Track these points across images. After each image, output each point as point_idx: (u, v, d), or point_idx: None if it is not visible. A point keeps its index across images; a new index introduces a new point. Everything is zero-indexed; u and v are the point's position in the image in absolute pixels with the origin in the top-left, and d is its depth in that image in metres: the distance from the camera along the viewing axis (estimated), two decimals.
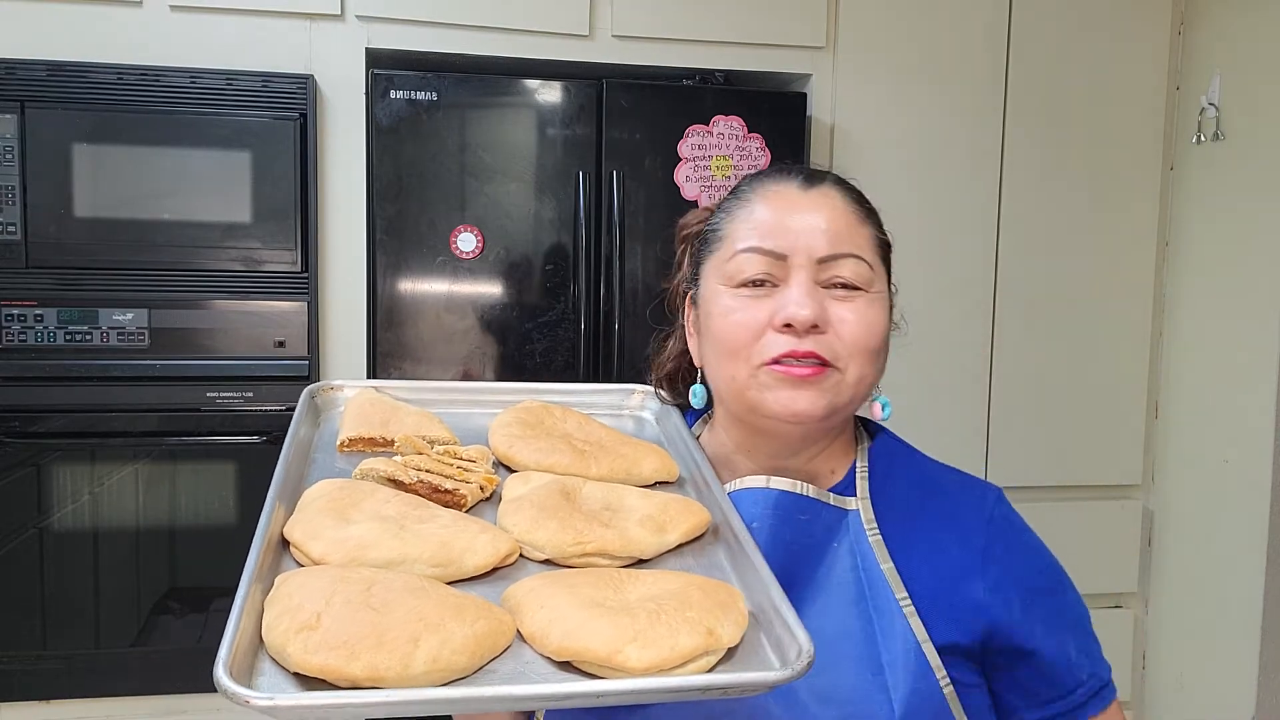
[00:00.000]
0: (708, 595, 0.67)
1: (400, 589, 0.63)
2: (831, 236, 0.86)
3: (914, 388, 2.49)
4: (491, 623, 0.63)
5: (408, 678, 0.58)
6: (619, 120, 2.28)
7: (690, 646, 0.62)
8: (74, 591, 2.13)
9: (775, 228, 0.86)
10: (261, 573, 0.66)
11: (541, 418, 0.91)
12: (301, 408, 0.91)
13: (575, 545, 0.73)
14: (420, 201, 2.22)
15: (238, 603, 0.61)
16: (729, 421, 0.92)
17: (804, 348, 0.83)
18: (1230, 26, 2.44)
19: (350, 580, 0.63)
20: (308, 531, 0.70)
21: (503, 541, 0.72)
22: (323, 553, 0.68)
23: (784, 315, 0.83)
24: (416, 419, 0.90)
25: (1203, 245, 2.52)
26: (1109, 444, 2.62)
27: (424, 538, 0.70)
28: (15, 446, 2.09)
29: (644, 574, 0.71)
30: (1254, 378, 2.33)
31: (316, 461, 0.86)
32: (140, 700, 2.16)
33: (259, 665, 0.60)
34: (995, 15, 2.49)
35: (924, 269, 2.49)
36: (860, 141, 2.45)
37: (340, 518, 0.71)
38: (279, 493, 0.75)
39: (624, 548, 0.74)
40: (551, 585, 0.67)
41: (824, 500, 0.87)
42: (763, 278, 0.86)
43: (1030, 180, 2.53)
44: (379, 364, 2.24)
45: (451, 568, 0.69)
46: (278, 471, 0.78)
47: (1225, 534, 2.40)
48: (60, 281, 2.08)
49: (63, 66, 2.06)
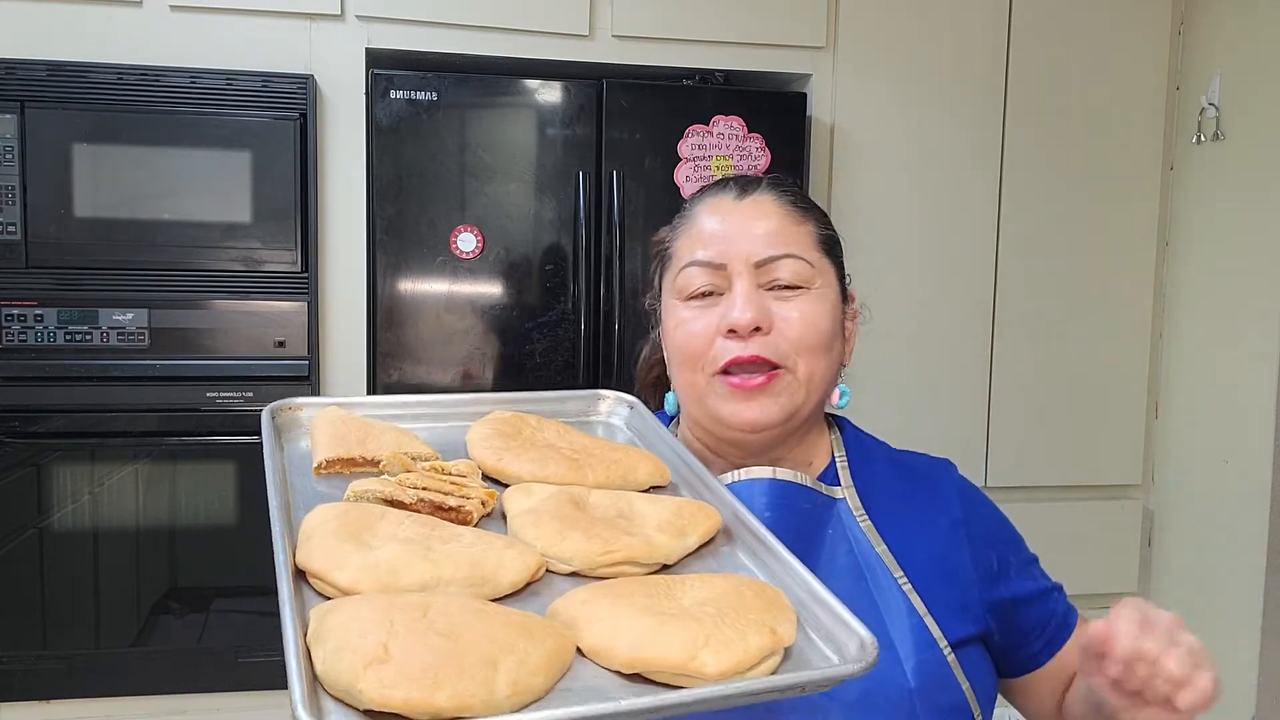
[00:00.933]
0: (759, 595, 0.67)
1: (460, 611, 0.60)
2: (767, 239, 0.90)
3: (914, 388, 2.49)
4: (559, 640, 0.62)
5: (492, 704, 0.55)
6: (619, 120, 2.28)
7: (760, 647, 0.61)
8: (74, 591, 2.13)
9: (713, 239, 0.91)
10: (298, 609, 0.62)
11: (519, 428, 0.90)
12: (265, 431, 0.87)
13: (604, 555, 0.72)
14: (420, 201, 2.22)
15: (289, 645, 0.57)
16: (698, 428, 0.96)
17: (749, 351, 0.87)
18: (1230, 26, 2.44)
19: (404, 607, 0.59)
20: (329, 560, 0.66)
21: (531, 556, 0.71)
22: (352, 581, 0.65)
23: (725, 321, 0.88)
24: (394, 435, 0.87)
25: (1203, 245, 2.52)
26: (1109, 444, 2.62)
27: (454, 558, 0.68)
28: (15, 446, 2.09)
29: (690, 579, 0.70)
30: (1254, 378, 2.33)
31: (295, 487, 0.81)
32: (140, 700, 2.16)
33: (322, 705, 0.56)
34: (995, 15, 2.49)
35: (924, 269, 2.49)
36: (860, 141, 2.45)
37: (358, 543, 0.68)
38: (283, 519, 0.71)
39: (650, 554, 0.73)
40: (604, 597, 0.66)
41: (819, 490, 0.91)
42: (708, 289, 0.91)
43: (1030, 180, 2.53)
44: (379, 364, 2.24)
45: (486, 587, 0.67)
46: (273, 498, 0.74)
47: (1225, 534, 2.40)
48: (60, 281, 2.08)
49: (63, 66, 2.06)
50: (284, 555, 0.66)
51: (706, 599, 0.66)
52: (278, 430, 0.89)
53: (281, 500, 0.74)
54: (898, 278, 2.46)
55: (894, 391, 2.46)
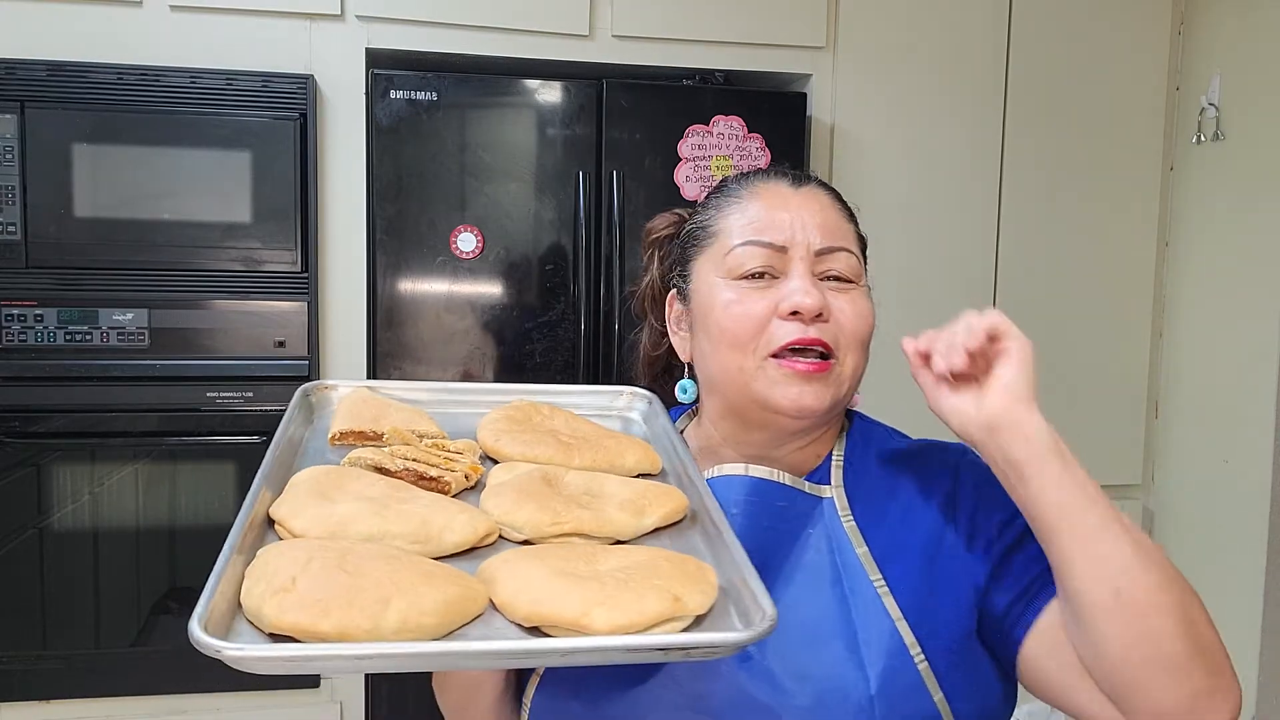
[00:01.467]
0: (676, 567, 0.69)
1: (375, 556, 0.65)
2: (826, 230, 0.90)
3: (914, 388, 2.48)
4: (463, 589, 0.64)
5: (377, 636, 0.60)
6: (619, 120, 2.28)
7: (656, 611, 0.63)
8: (74, 591, 2.13)
9: (771, 222, 0.90)
10: (243, 545, 0.68)
11: (529, 415, 0.93)
12: (294, 404, 0.93)
13: (553, 525, 0.74)
14: (420, 201, 2.22)
15: (217, 568, 0.64)
16: (721, 414, 0.94)
17: (811, 334, 0.86)
18: (1230, 26, 2.44)
19: (327, 549, 0.65)
20: (291, 510, 0.72)
21: (481, 521, 0.74)
22: (304, 528, 0.70)
23: (790, 303, 0.86)
24: (407, 415, 0.92)
25: (1203, 245, 2.52)
26: (1109, 444, 2.62)
27: (405, 515, 0.72)
28: (15, 446, 2.09)
29: (615, 549, 0.73)
30: (1254, 378, 2.33)
31: (309, 452, 0.88)
32: (140, 700, 2.16)
33: (236, 627, 0.62)
34: (995, 15, 2.49)
35: (924, 269, 2.49)
36: (860, 141, 2.45)
37: (324, 498, 0.73)
38: (266, 473, 0.78)
39: (600, 528, 0.76)
40: (525, 558, 0.69)
41: (799, 488, 0.90)
42: (763, 269, 0.88)
43: (1030, 180, 2.53)
44: (379, 364, 2.24)
45: (430, 544, 0.71)
46: (267, 457, 0.81)
47: (1225, 534, 2.41)
48: (60, 281, 2.08)
49: (63, 66, 2.06)
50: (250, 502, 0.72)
51: (621, 566, 0.69)
52: (310, 407, 0.96)
53: (274, 461, 0.81)
54: (898, 277, 2.46)
55: (894, 391, 2.45)
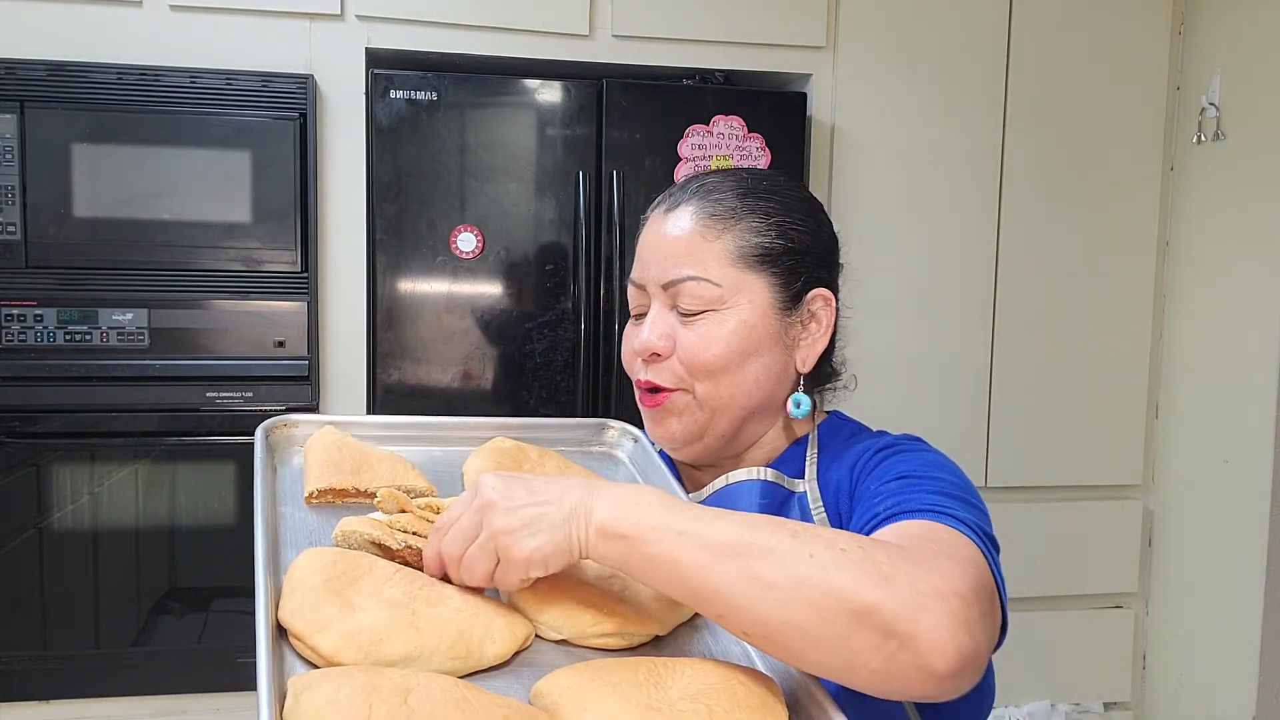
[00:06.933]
0: (751, 691, 0.64)
1: (440, 700, 0.58)
2: (676, 260, 0.90)
3: (914, 388, 2.49)
4: None
5: None
6: (619, 120, 2.28)
7: None
8: (74, 591, 2.13)
9: (639, 258, 0.94)
10: (275, 674, 0.60)
11: (519, 460, 0.87)
12: (257, 448, 0.84)
13: (594, 626, 0.70)
14: (420, 201, 2.22)
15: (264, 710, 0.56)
16: None
17: (643, 376, 0.91)
18: (1230, 26, 2.44)
19: (384, 692, 0.57)
20: (311, 623, 0.63)
21: (519, 627, 0.69)
22: (334, 649, 0.62)
23: (634, 347, 0.92)
24: (389, 465, 0.85)
25: (1203, 245, 2.52)
26: (1109, 444, 2.62)
27: (439, 626, 0.66)
28: (15, 446, 2.09)
29: (680, 664, 0.68)
30: (1254, 378, 2.33)
31: (285, 516, 0.79)
32: (140, 700, 2.16)
33: None
34: (995, 15, 2.49)
35: (924, 269, 2.49)
36: (860, 141, 2.45)
37: (342, 601, 0.66)
38: (268, 567, 0.67)
39: (643, 626, 0.72)
40: (591, 683, 0.63)
41: (780, 484, 0.92)
42: (637, 309, 0.94)
43: (1030, 180, 2.53)
44: (379, 364, 2.24)
45: (471, 659, 0.66)
46: (259, 537, 0.70)
47: (1226, 534, 2.40)
48: (60, 281, 2.08)
49: (63, 66, 2.06)
50: (265, 612, 0.63)
51: (696, 691, 0.64)
52: (271, 449, 0.87)
53: (268, 541, 0.71)
54: (898, 277, 2.46)
55: (894, 391, 2.46)
